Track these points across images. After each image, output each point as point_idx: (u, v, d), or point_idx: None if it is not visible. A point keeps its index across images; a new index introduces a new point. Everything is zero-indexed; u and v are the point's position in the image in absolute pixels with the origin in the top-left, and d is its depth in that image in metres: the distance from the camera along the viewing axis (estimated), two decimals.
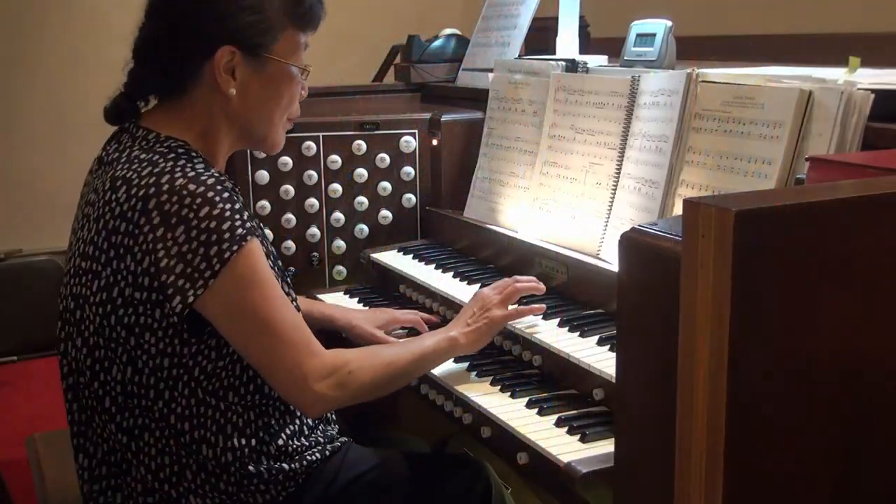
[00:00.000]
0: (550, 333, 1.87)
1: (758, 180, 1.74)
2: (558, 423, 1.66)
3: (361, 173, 2.55)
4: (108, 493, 1.73)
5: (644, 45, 2.21)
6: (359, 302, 2.42)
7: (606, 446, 1.53)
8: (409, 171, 2.58)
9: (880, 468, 1.22)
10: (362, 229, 2.57)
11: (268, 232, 2.40)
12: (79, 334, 1.70)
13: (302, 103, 1.88)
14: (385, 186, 2.57)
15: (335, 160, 2.54)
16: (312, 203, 2.54)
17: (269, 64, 1.73)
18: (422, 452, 2.17)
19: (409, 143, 2.57)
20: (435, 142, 2.57)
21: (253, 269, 1.61)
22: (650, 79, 2.03)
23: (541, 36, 2.80)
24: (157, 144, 1.68)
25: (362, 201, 2.56)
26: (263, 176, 2.50)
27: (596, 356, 1.73)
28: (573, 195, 2.17)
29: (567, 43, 2.62)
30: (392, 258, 2.47)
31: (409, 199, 2.59)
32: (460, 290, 2.17)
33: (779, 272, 1.10)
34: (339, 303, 2.40)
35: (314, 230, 2.55)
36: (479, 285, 2.15)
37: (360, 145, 2.54)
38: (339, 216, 2.56)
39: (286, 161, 2.51)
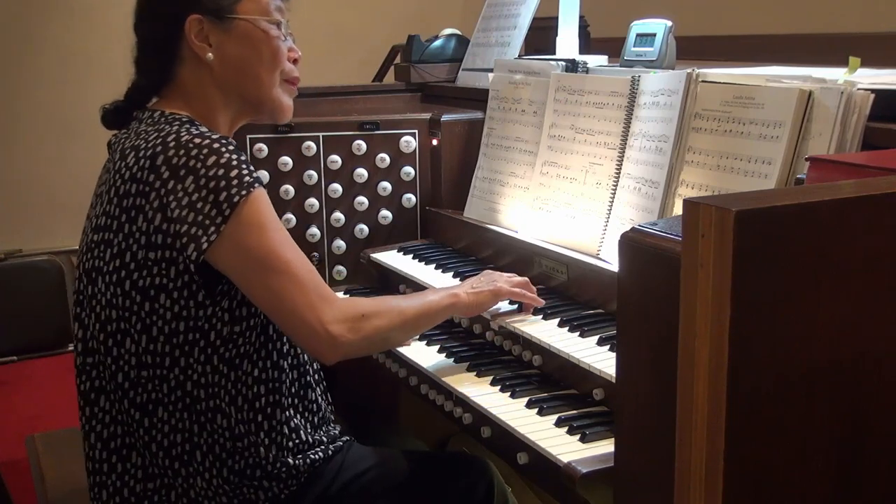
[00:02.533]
0: (550, 333, 1.86)
1: (758, 180, 1.74)
2: (558, 423, 1.66)
3: (361, 173, 2.55)
4: (108, 479, 1.74)
5: (644, 45, 2.21)
6: None
7: (606, 446, 1.53)
8: (409, 171, 2.58)
9: (880, 468, 1.22)
10: (362, 229, 2.57)
11: None
12: (91, 310, 1.72)
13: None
14: (385, 186, 2.56)
15: (335, 160, 2.54)
16: (312, 203, 2.55)
17: (237, 24, 1.78)
18: (424, 451, 2.17)
19: (409, 143, 2.57)
20: (435, 142, 2.57)
21: (262, 214, 1.64)
22: (650, 79, 2.03)
23: (541, 36, 2.81)
24: (161, 118, 1.75)
25: (362, 201, 2.56)
26: (263, 176, 2.50)
27: (596, 356, 1.73)
28: (573, 195, 2.17)
29: (567, 43, 2.62)
30: (392, 258, 2.47)
31: (409, 199, 2.59)
32: None
33: (779, 272, 1.09)
34: None
35: (314, 230, 2.55)
36: None
37: (360, 145, 2.54)
38: (339, 216, 2.56)
39: (286, 161, 2.51)
